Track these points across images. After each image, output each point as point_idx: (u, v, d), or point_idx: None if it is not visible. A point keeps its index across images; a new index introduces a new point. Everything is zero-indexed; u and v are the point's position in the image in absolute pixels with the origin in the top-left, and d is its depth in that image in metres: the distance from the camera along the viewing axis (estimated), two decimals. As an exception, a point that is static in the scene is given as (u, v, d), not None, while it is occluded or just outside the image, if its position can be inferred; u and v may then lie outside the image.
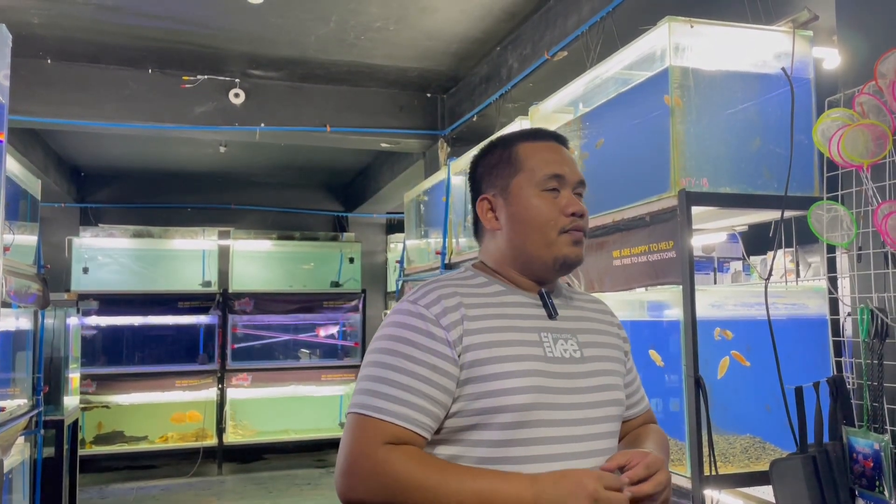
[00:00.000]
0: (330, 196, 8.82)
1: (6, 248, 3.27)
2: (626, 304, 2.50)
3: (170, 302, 6.87)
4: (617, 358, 1.35)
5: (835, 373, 1.93)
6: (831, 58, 2.40)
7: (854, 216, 1.84)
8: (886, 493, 1.67)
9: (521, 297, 1.28)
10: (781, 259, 2.35)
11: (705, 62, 2.11)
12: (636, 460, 1.14)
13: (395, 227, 8.74)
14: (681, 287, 1.94)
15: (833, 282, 2.00)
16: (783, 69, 2.07)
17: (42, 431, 4.07)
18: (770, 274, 1.99)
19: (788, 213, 2.04)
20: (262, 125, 5.09)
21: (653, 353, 2.26)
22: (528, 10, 4.05)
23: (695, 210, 1.98)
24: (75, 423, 5.20)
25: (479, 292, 1.26)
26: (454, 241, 4.03)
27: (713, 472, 1.88)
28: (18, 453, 3.64)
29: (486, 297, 1.25)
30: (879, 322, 1.74)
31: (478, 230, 1.37)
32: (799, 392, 1.83)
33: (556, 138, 1.36)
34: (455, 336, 1.18)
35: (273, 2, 3.93)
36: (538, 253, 1.27)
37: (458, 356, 1.17)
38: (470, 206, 1.40)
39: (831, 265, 2.02)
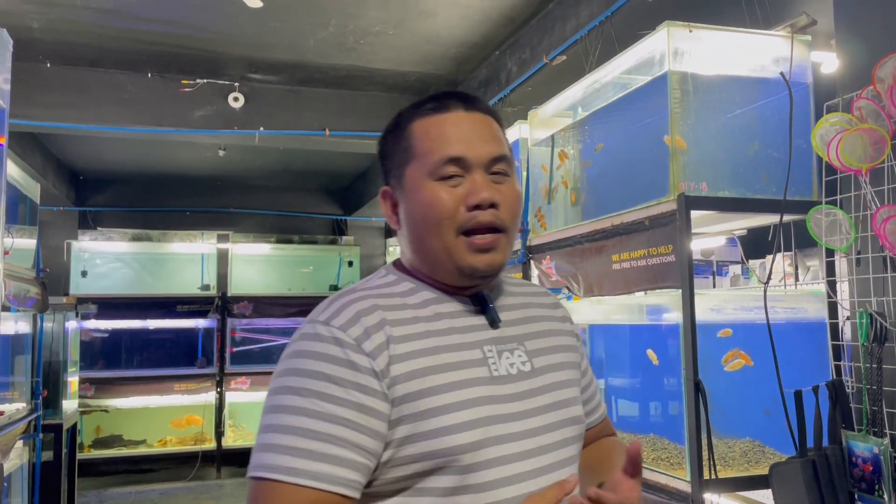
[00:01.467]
0: (329, 199, 8.82)
1: (6, 252, 3.27)
2: (625, 308, 2.50)
3: (168, 305, 6.86)
4: (572, 363, 1.13)
5: (834, 377, 1.93)
6: (830, 62, 2.41)
7: (853, 220, 1.85)
8: (886, 496, 1.67)
9: (456, 303, 1.04)
10: (780, 263, 2.35)
11: (704, 67, 2.11)
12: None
13: (393, 230, 8.72)
14: (680, 291, 1.94)
15: (832, 285, 2.00)
16: (782, 74, 2.08)
17: (41, 435, 4.07)
18: (769, 278, 2.00)
19: (787, 217, 2.04)
20: (262, 129, 5.10)
21: (650, 353, 2.27)
22: (526, 14, 4.06)
23: (694, 214, 1.98)
24: (74, 426, 5.20)
25: (405, 303, 1.01)
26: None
27: (713, 476, 1.88)
28: (17, 457, 3.63)
29: (414, 310, 1.01)
30: (878, 326, 1.74)
31: None
32: (798, 396, 1.84)
33: (464, 102, 1.06)
34: (382, 364, 0.93)
35: (272, 6, 3.93)
36: (439, 259, 1.02)
37: (388, 389, 0.93)
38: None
39: (830, 269, 2.02)
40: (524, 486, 0.96)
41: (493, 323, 1.05)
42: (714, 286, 2.80)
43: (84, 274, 6.79)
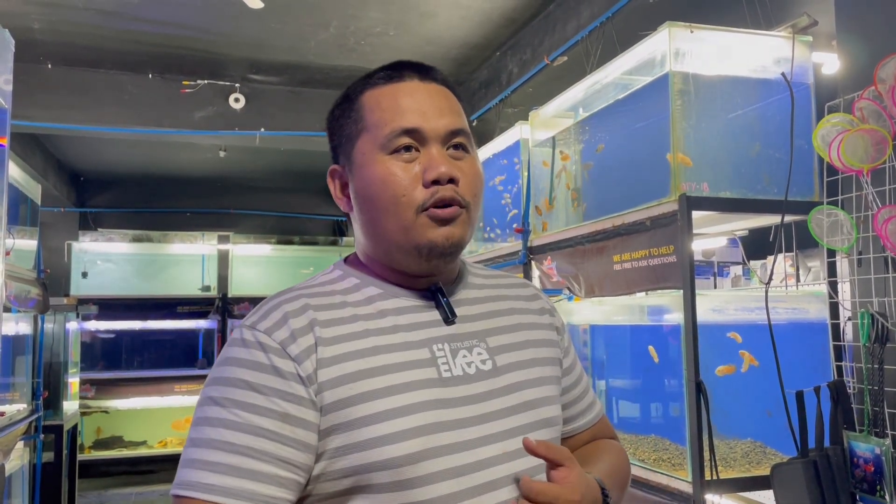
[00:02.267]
0: (329, 200, 8.78)
1: (7, 253, 3.27)
2: (626, 309, 2.50)
3: (169, 306, 6.87)
4: (548, 359, 1.02)
5: (835, 377, 1.93)
6: (831, 63, 2.41)
7: (854, 221, 1.85)
8: (887, 497, 1.67)
9: (405, 299, 0.95)
10: (782, 263, 2.35)
11: (705, 67, 2.11)
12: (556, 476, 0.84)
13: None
14: (681, 291, 1.94)
15: (833, 286, 2.00)
16: (783, 74, 2.08)
17: (41, 436, 4.07)
18: (770, 278, 1.99)
19: (789, 218, 2.04)
20: (262, 130, 5.10)
21: (651, 350, 2.26)
22: (527, 15, 4.06)
23: (695, 215, 1.98)
24: (74, 427, 5.20)
25: (344, 301, 0.93)
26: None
27: (714, 477, 1.88)
28: (18, 458, 3.63)
29: (354, 307, 0.92)
30: (880, 326, 1.74)
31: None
32: (800, 396, 1.83)
33: (420, 72, 0.99)
34: (310, 369, 0.85)
35: (273, 7, 3.93)
36: (395, 240, 0.92)
37: (316, 396, 0.85)
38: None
39: (831, 269, 2.02)
40: (479, 500, 0.86)
41: (447, 318, 0.95)
42: (715, 287, 2.79)
43: (85, 275, 6.80)
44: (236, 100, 5.03)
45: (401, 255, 0.94)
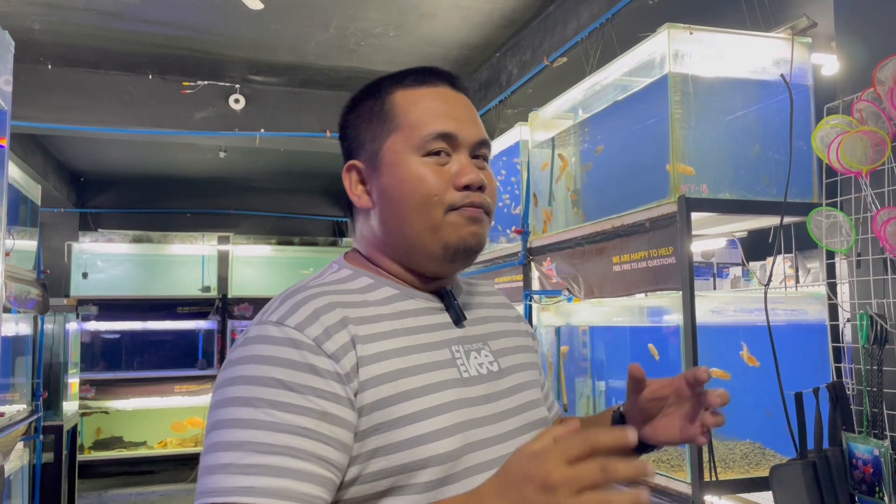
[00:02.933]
0: (329, 201, 8.82)
1: (7, 254, 3.27)
2: (625, 310, 2.50)
3: (169, 307, 6.87)
4: (532, 364, 1.07)
5: (834, 378, 1.93)
6: (830, 64, 2.41)
7: (853, 222, 1.85)
8: (886, 498, 1.67)
9: (419, 301, 0.96)
10: (781, 265, 2.35)
11: (704, 69, 2.11)
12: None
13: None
14: (680, 293, 1.94)
15: (832, 287, 2.00)
16: (782, 76, 2.08)
17: (41, 437, 4.07)
18: (769, 280, 1.99)
19: (788, 219, 2.04)
20: (262, 131, 5.10)
21: (651, 348, 2.26)
22: (527, 16, 4.06)
23: (694, 216, 1.98)
24: (74, 428, 5.20)
25: (365, 300, 0.92)
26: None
27: (713, 478, 1.88)
28: (17, 459, 3.63)
29: (376, 307, 0.91)
30: (879, 328, 1.74)
31: (352, 209, 1.04)
32: (799, 398, 1.84)
33: (449, 80, 1.02)
34: (348, 367, 0.83)
35: (273, 8, 3.94)
36: (421, 240, 0.93)
37: (355, 396, 0.83)
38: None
39: (831, 271, 2.03)
40: None
41: (458, 321, 0.97)
42: (714, 288, 2.80)
43: (85, 275, 6.80)
44: (236, 100, 5.04)
45: (423, 256, 0.95)
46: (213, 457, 0.78)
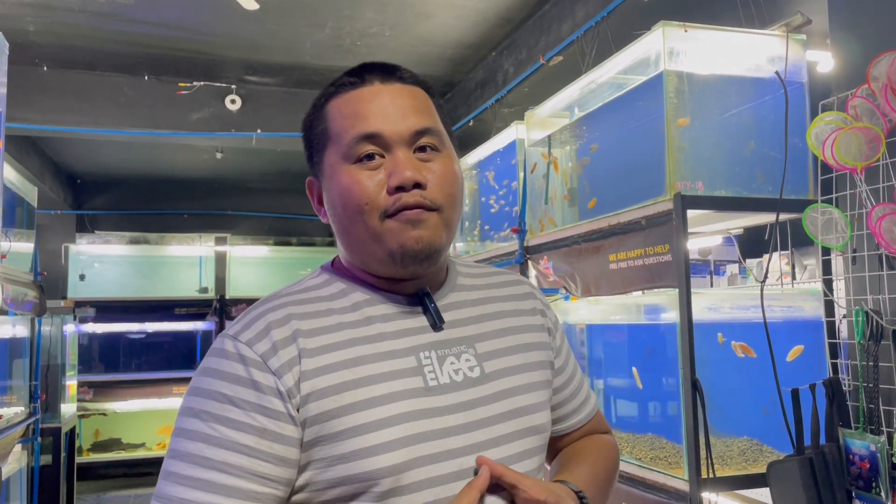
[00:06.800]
0: (327, 201, 8.81)
1: (3, 256, 3.27)
2: (622, 308, 2.51)
3: (166, 308, 6.87)
4: (538, 363, 1.00)
5: (831, 375, 1.94)
6: (825, 61, 2.41)
7: (848, 219, 1.85)
8: (883, 494, 1.67)
9: (391, 305, 0.93)
10: (777, 262, 2.36)
11: (700, 66, 2.12)
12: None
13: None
14: (677, 290, 1.95)
15: (828, 284, 2.01)
16: (777, 73, 2.08)
17: (39, 439, 4.07)
18: (766, 276, 2.00)
19: (783, 216, 2.04)
20: (259, 131, 5.10)
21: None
22: (522, 15, 4.06)
23: (690, 213, 1.99)
24: (72, 430, 5.19)
25: (330, 308, 0.91)
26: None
27: (710, 475, 1.88)
28: (16, 461, 3.63)
29: (340, 315, 0.90)
30: (874, 324, 1.75)
31: None
32: (795, 394, 1.84)
33: (382, 73, 0.96)
34: (290, 383, 0.84)
35: (269, 8, 3.94)
36: (368, 249, 0.91)
37: (298, 411, 0.84)
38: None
39: (826, 267, 2.03)
40: None
41: (435, 325, 0.93)
42: (711, 285, 2.80)
43: (82, 277, 6.79)
44: (232, 101, 5.03)
45: (377, 263, 0.92)
46: (166, 462, 0.84)
